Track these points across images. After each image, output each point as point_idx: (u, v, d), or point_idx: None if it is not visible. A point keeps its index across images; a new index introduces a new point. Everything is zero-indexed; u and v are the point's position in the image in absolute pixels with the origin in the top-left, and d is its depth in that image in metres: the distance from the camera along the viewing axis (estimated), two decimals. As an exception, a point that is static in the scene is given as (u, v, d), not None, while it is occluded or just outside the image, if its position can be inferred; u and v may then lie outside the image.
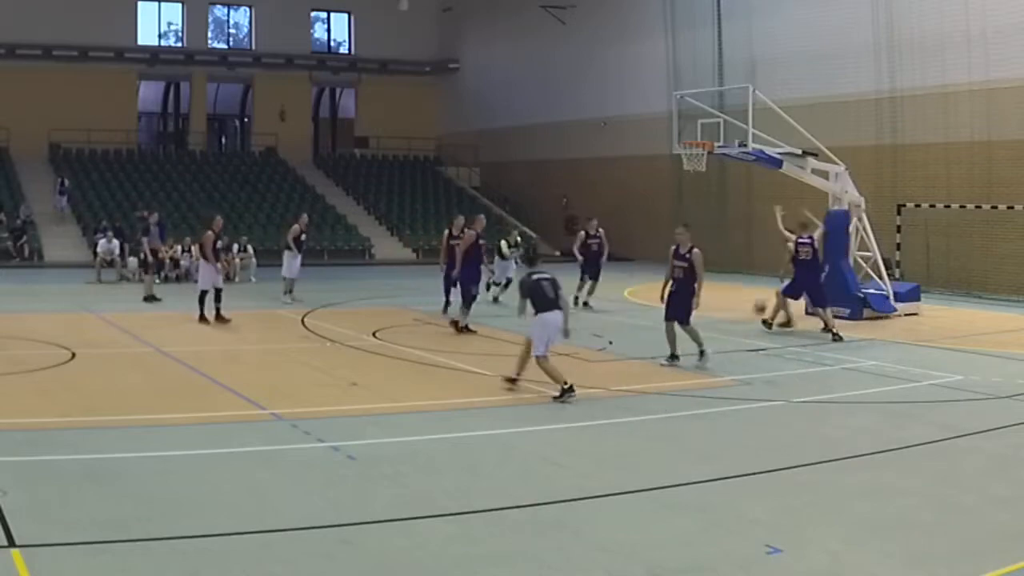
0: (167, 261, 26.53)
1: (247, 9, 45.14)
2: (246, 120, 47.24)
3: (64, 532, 6.64)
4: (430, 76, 46.91)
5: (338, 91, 48.74)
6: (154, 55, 43.11)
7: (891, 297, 19.92)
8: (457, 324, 17.10)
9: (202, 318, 17.74)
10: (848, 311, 19.17)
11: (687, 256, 13.63)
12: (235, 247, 27.69)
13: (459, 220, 20.93)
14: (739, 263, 31.23)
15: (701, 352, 13.68)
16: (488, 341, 16.40)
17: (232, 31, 46.18)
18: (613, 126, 37.13)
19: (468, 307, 17.27)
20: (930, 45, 25.96)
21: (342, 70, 46.49)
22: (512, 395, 11.76)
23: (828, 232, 18.53)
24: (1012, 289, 23.64)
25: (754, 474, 8.43)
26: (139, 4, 42.76)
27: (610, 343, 15.84)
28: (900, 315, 19.67)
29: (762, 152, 19.75)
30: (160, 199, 37.07)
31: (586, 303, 20.90)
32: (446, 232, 19.82)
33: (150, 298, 21.30)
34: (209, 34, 45.10)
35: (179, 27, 44.21)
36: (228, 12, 45.61)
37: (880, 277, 20.15)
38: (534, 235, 39.28)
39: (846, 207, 20.12)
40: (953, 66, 25.28)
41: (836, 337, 16.46)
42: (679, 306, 13.67)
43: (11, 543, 6.32)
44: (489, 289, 21.34)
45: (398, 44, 45.05)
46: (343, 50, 47.15)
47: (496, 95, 43.00)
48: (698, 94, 24.21)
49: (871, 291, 19.86)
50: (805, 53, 29.00)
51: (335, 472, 8.38)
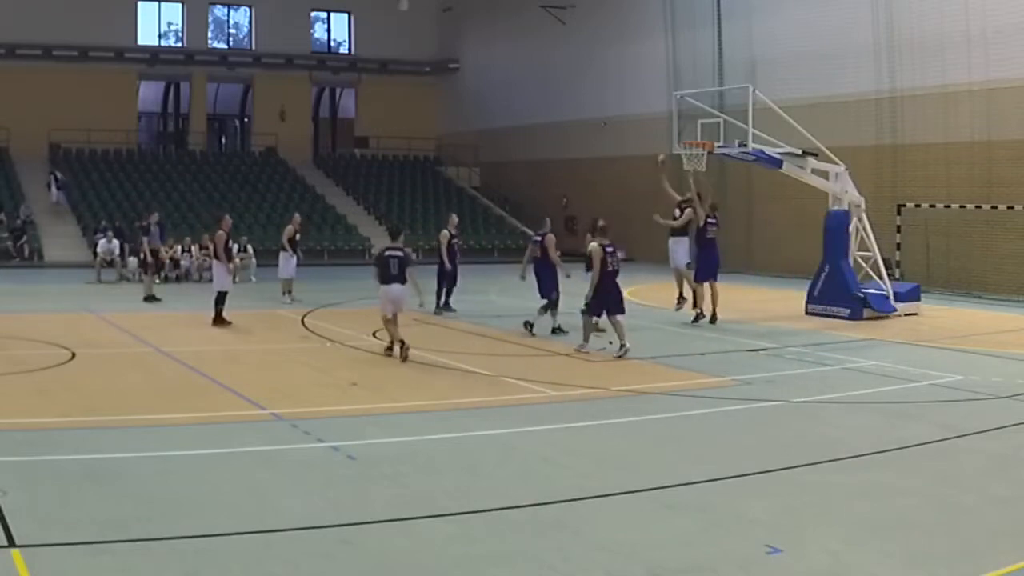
0: (167, 261, 26.52)
1: (247, 9, 45.14)
2: (246, 120, 47.25)
3: (64, 532, 6.64)
4: (430, 76, 46.91)
5: (338, 91, 48.76)
6: (154, 55, 43.11)
7: (891, 297, 19.92)
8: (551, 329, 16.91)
9: (219, 320, 17.37)
10: (848, 311, 19.19)
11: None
12: (235, 247, 27.65)
13: (454, 218, 20.97)
14: (739, 263, 31.24)
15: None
16: (488, 341, 16.40)
17: (232, 31, 46.19)
18: (613, 126, 37.12)
19: (554, 308, 17.14)
20: (930, 45, 25.95)
21: (342, 70, 46.49)
22: (512, 395, 11.78)
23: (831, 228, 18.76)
24: (1012, 289, 23.64)
25: (754, 474, 8.43)
26: (139, 4, 42.76)
27: (610, 343, 15.83)
28: (900, 315, 19.67)
29: (762, 152, 19.75)
30: (160, 199, 37.07)
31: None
32: (446, 232, 19.82)
33: (150, 298, 21.31)
34: (209, 34, 45.10)
35: (179, 27, 44.21)
36: (228, 12, 45.61)
37: (880, 277, 20.15)
38: (534, 235, 39.33)
39: (846, 207, 20.12)
40: (953, 66, 25.28)
41: (698, 315, 17.98)
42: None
43: (11, 543, 6.32)
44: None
45: (398, 44, 45.05)
46: (343, 50, 47.15)
47: (496, 95, 43.00)
48: (698, 94, 24.20)
49: (871, 291, 19.86)
50: (805, 53, 29.00)
51: (335, 472, 8.38)
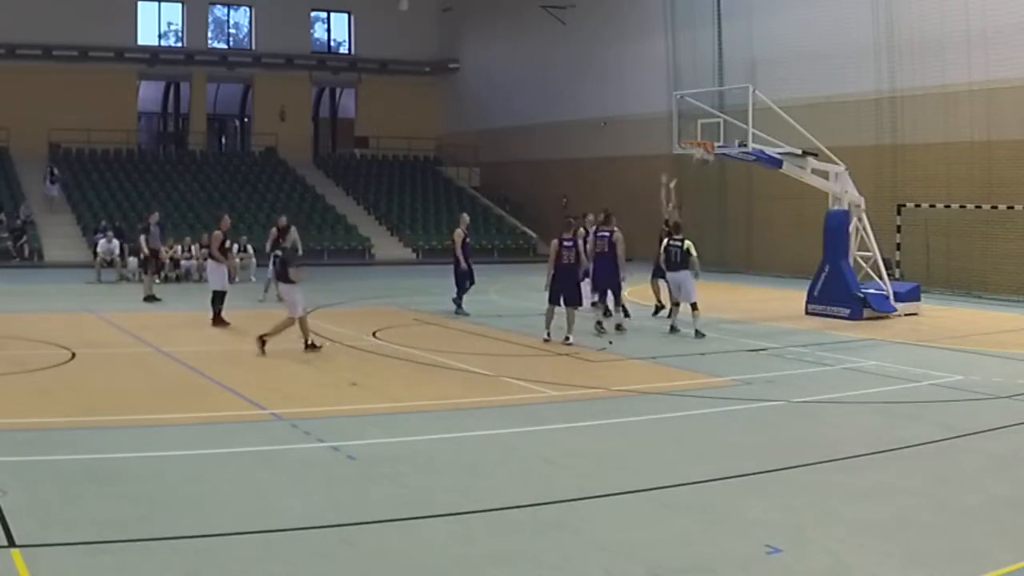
0: (167, 261, 26.52)
1: (247, 9, 45.13)
2: (246, 120, 47.24)
3: (64, 532, 6.64)
4: (430, 76, 46.90)
5: (338, 91, 48.74)
6: (154, 55, 43.10)
7: (891, 297, 19.92)
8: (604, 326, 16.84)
9: (218, 320, 17.33)
10: (848, 311, 19.19)
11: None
12: (235, 247, 27.68)
13: (465, 217, 20.93)
14: (739, 263, 31.26)
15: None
16: (488, 341, 16.40)
17: (232, 31, 46.17)
18: (613, 126, 37.11)
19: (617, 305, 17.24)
20: (930, 45, 25.95)
21: (342, 70, 46.48)
22: (512, 395, 11.78)
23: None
24: (1012, 289, 23.63)
25: (754, 474, 8.43)
26: (139, 4, 42.75)
27: (610, 343, 15.84)
28: (900, 315, 19.67)
29: (762, 152, 19.75)
30: (160, 199, 37.05)
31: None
32: (460, 232, 19.77)
33: (150, 298, 21.30)
34: (209, 34, 45.10)
35: (179, 27, 44.20)
36: (228, 12, 45.60)
37: (880, 277, 20.15)
38: (535, 235, 39.38)
39: (846, 207, 20.12)
40: (953, 66, 25.28)
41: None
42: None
43: (11, 543, 6.32)
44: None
45: (398, 44, 45.04)
46: (343, 50, 47.14)
47: (496, 95, 42.99)
48: (698, 94, 24.20)
49: (871, 291, 19.86)
50: (805, 53, 28.99)
51: (335, 472, 8.38)
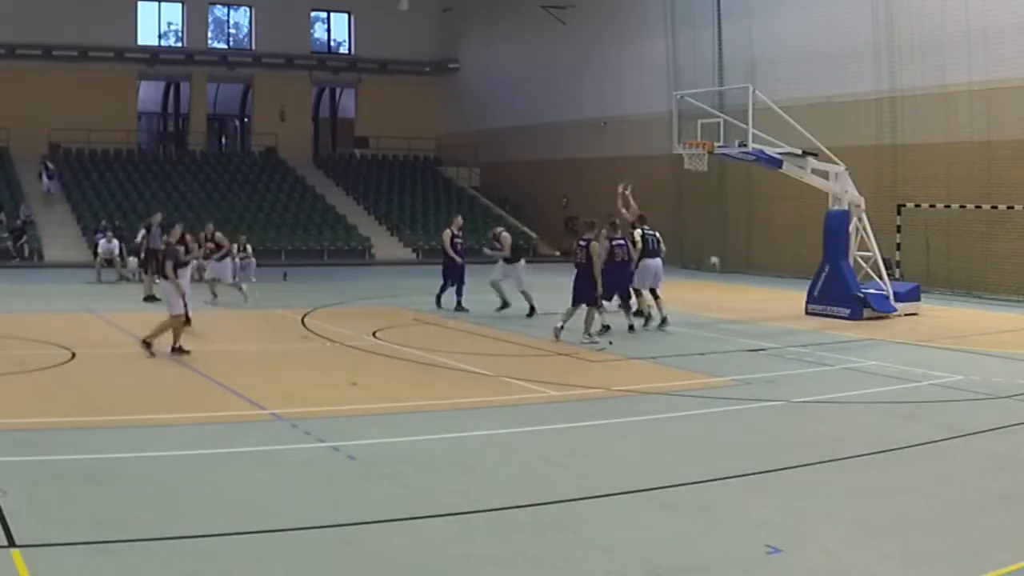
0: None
1: (247, 9, 45.15)
2: (246, 120, 47.25)
3: (64, 532, 6.64)
4: (430, 76, 46.91)
5: (338, 91, 48.76)
6: (154, 55, 43.12)
7: (891, 297, 19.91)
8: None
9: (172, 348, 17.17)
10: (848, 311, 19.18)
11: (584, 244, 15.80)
12: (234, 247, 27.65)
13: (459, 219, 20.93)
14: (739, 263, 31.26)
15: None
16: (488, 341, 16.40)
17: (232, 31, 46.19)
18: (613, 126, 37.11)
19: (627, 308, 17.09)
20: (930, 45, 25.95)
21: (342, 70, 46.49)
22: (512, 395, 11.78)
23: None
24: (1012, 289, 23.64)
25: (754, 474, 8.43)
26: (139, 4, 42.78)
27: (610, 343, 15.84)
28: (900, 315, 19.66)
29: (762, 152, 19.75)
30: (160, 199, 37.05)
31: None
32: (448, 232, 19.80)
33: (150, 298, 21.28)
34: (209, 34, 45.11)
35: (179, 27, 44.22)
36: (228, 12, 45.61)
37: (880, 277, 20.15)
38: (535, 235, 39.37)
39: (846, 207, 20.12)
40: (953, 66, 25.28)
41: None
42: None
43: (11, 543, 6.31)
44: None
45: (398, 44, 45.04)
46: (343, 50, 47.15)
47: (496, 95, 42.99)
48: (698, 94, 24.20)
49: (871, 291, 19.86)
50: (805, 53, 28.99)
51: (335, 472, 8.38)
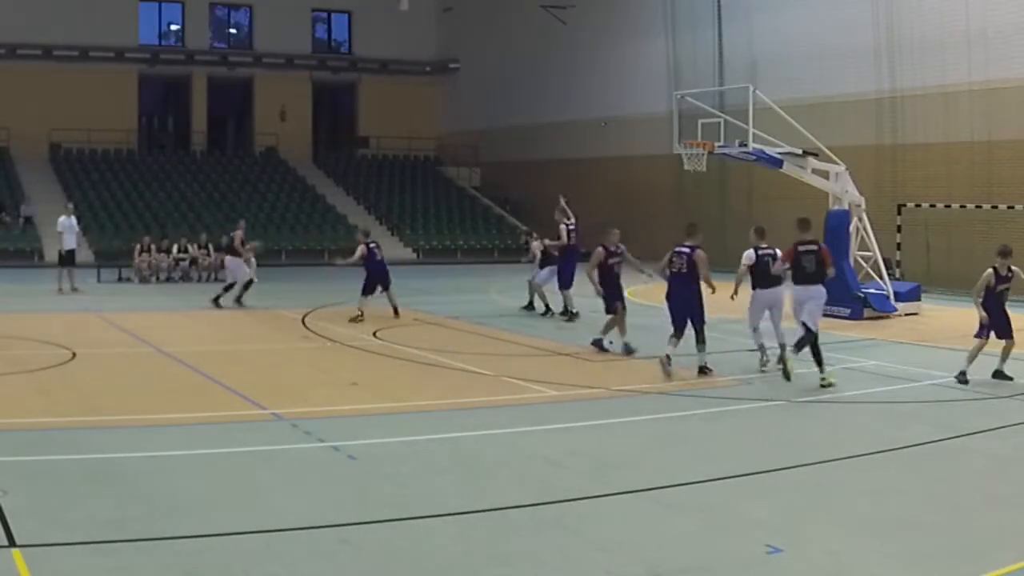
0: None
1: (247, 9, 45.13)
2: (246, 120, 47.21)
3: (64, 532, 6.64)
4: (430, 76, 46.88)
5: (338, 91, 48.71)
6: (154, 55, 43.11)
7: (891, 297, 19.91)
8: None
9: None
10: (849, 311, 19.17)
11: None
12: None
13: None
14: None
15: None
16: (488, 341, 16.40)
17: (232, 31, 46.19)
18: (613, 126, 37.11)
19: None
20: (930, 45, 25.95)
21: (342, 70, 46.46)
22: (512, 395, 11.78)
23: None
24: (1012, 289, 23.54)
25: (754, 474, 8.43)
26: (139, 4, 42.78)
27: (610, 343, 15.83)
28: (901, 315, 19.67)
29: (762, 152, 19.76)
30: (160, 199, 37.11)
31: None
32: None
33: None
34: (209, 34, 45.11)
35: (179, 27, 44.22)
36: (228, 12, 45.61)
37: (880, 277, 20.15)
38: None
39: (846, 207, 20.12)
40: (953, 66, 25.28)
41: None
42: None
43: (11, 543, 6.32)
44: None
45: (398, 44, 45.03)
46: (343, 50, 47.14)
47: (496, 95, 42.98)
48: (698, 94, 24.21)
49: (872, 291, 19.86)
50: (805, 53, 29.00)
51: (335, 472, 8.38)
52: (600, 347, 15.08)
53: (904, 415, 11.17)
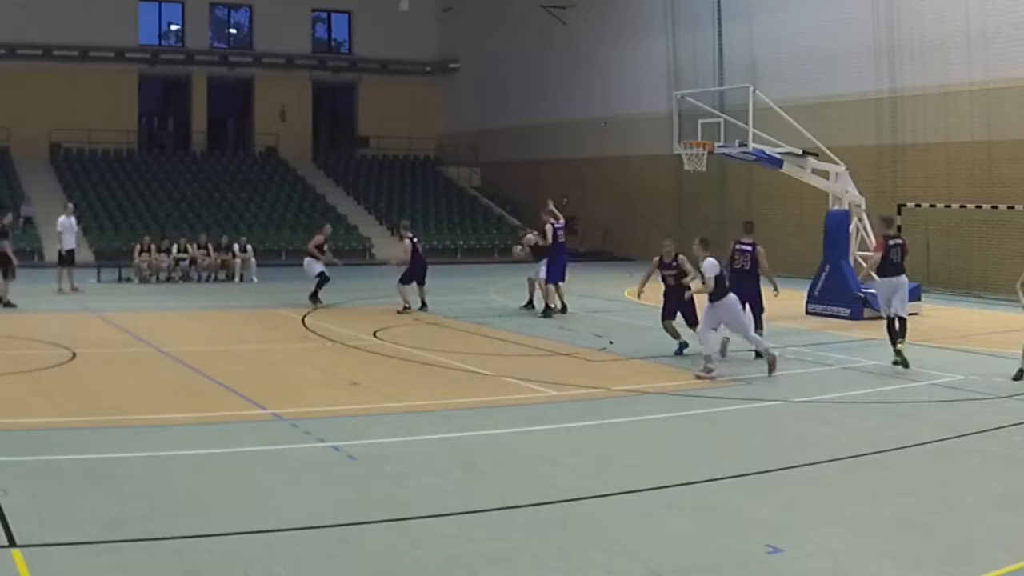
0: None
1: (247, 9, 45.14)
2: (246, 120, 47.22)
3: (64, 532, 6.64)
4: (430, 76, 46.90)
5: (338, 91, 48.73)
6: (154, 55, 43.12)
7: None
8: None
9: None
10: (848, 311, 19.17)
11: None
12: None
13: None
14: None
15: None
16: (488, 341, 16.40)
17: (232, 31, 46.20)
18: (613, 126, 37.13)
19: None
20: (930, 45, 25.96)
21: (342, 70, 46.48)
22: (512, 395, 11.78)
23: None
24: (1013, 289, 23.51)
25: (754, 474, 8.43)
26: (139, 4, 42.79)
27: (610, 343, 15.84)
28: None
29: (762, 152, 19.76)
30: (160, 199, 37.11)
31: None
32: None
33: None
34: (209, 34, 45.12)
35: (179, 27, 44.23)
36: (228, 12, 45.62)
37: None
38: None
39: (846, 207, 20.12)
40: (953, 66, 25.29)
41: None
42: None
43: (11, 543, 6.32)
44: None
45: (398, 44, 45.05)
46: (343, 50, 47.16)
47: (496, 95, 42.99)
48: (698, 94, 24.23)
49: (871, 291, 19.82)
50: (805, 53, 29.01)
51: (335, 472, 8.38)
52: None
53: (904, 415, 11.17)
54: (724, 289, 13.12)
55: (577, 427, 10.37)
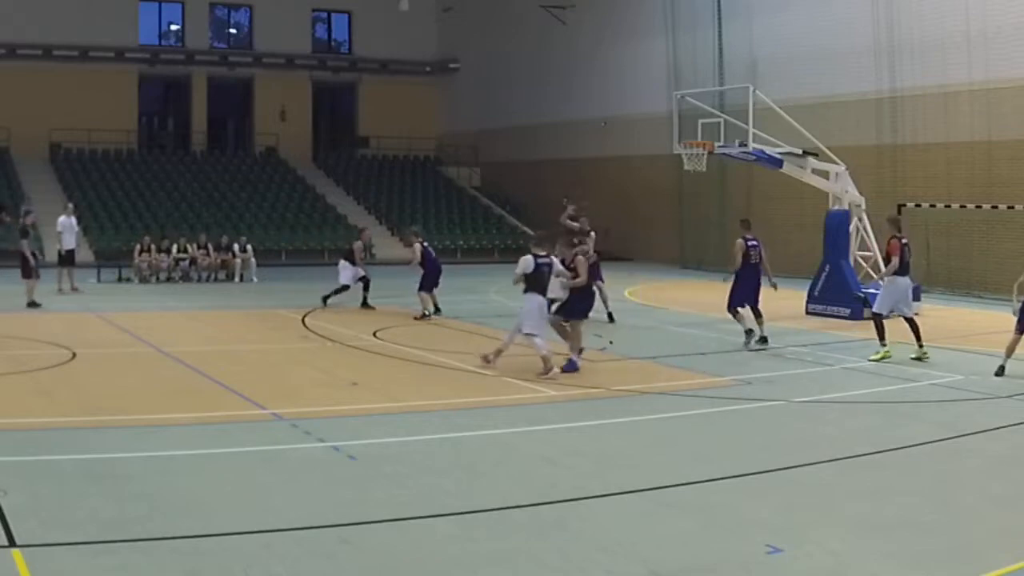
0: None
1: (247, 9, 45.15)
2: (246, 120, 47.22)
3: (64, 532, 6.64)
4: (430, 76, 46.90)
5: (338, 91, 48.73)
6: (154, 55, 43.13)
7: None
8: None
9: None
10: (848, 311, 19.17)
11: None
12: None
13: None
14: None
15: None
16: (489, 341, 16.37)
17: (232, 31, 46.20)
18: (613, 126, 37.12)
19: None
20: (930, 45, 25.95)
21: (342, 70, 46.48)
22: (512, 395, 11.78)
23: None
24: (1012, 289, 23.61)
25: (754, 474, 8.43)
26: (139, 4, 42.80)
27: (610, 343, 15.84)
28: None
29: (762, 152, 19.77)
30: (160, 199, 37.10)
31: None
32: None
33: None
34: (209, 34, 45.12)
35: (179, 27, 44.23)
36: (228, 12, 45.62)
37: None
38: (535, 234, 39.32)
39: (846, 207, 20.12)
40: (953, 66, 25.28)
41: None
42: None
43: (11, 543, 6.32)
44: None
45: (398, 44, 45.05)
46: (343, 50, 47.15)
47: (496, 95, 42.99)
48: (698, 94, 24.23)
49: (872, 291, 19.83)
50: (805, 53, 29.01)
51: (335, 472, 8.38)
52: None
53: (904, 415, 11.17)
54: (535, 286, 13.10)
55: (577, 427, 10.37)
